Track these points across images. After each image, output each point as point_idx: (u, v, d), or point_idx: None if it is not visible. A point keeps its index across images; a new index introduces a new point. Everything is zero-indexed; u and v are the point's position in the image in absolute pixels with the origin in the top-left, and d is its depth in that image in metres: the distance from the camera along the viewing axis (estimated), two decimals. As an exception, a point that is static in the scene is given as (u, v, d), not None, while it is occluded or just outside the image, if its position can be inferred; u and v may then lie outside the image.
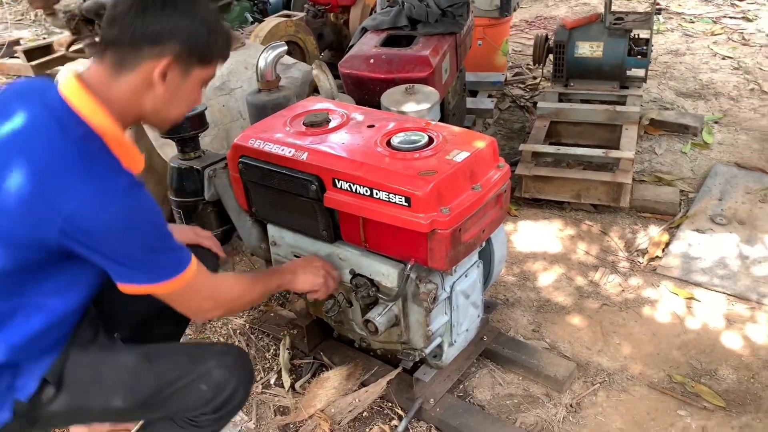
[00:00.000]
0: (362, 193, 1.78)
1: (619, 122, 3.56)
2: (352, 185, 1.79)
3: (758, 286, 2.69)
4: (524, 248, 3.04)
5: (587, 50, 3.77)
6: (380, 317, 1.89)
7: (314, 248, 2.03)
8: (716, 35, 5.47)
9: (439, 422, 2.11)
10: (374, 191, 1.76)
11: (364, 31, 3.29)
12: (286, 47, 2.44)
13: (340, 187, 1.82)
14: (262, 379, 2.36)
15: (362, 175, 1.78)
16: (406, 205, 1.71)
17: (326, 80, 2.65)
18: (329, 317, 2.07)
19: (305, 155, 1.88)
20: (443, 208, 1.71)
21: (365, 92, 2.93)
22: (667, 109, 4.23)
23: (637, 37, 3.84)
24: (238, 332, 2.57)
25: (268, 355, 2.46)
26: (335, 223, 1.93)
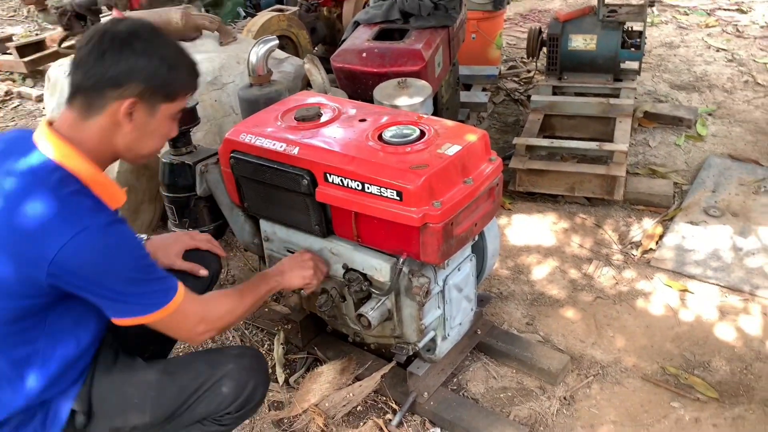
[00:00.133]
0: (354, 187, 1.78)
1: (612, 115, 3.56)
2: (343, 180, 1.79)
3: (751, 277, 2.70)
4: (518, 241, 3.04)
5: (581, 43, 3.76)
6: (373, 311, 1.89)
7: (307, 243, 2.03)
8: (710, 27, 5.47)
9: (433, 416, 2.11)
10: (366, 185, 1.75)
11: (356, 24, 3.28)
12: (277, 41, 2.44)
13: (331, 181, 1.82)
14: (256, 374, 2.36)
15: (354, 169, 1.77)
16: (397, 199, 1.71)
17: (318, 74, 2.65)
18: (323, 312, 2.07)
19: (297, 150, 1.88)
20: (435, 201, 1.71)
21: (358, 86, 2.92)
22: (661, 101, 4.24)
23: (630, 29, 3.83)
24: (232, 328, 2.57)
25: (262, 350, 2.46)
26: (327, 217, 1.93)
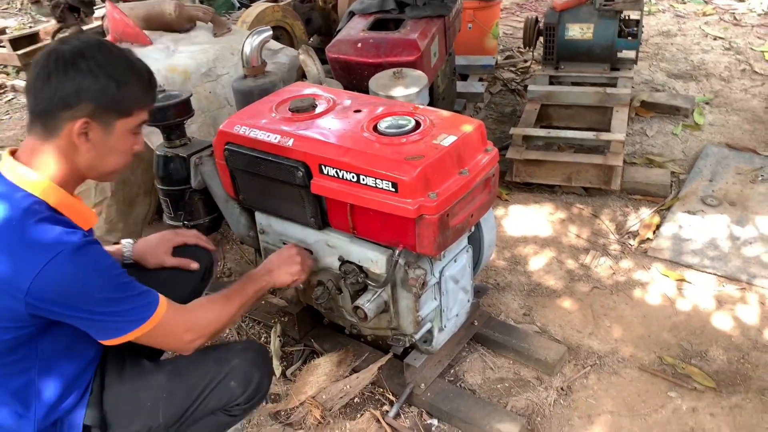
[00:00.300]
0: (349, 179, 1.76)
1: (609, 104, 3.54)
2: (338, 171, 1.78)
3: (748, 266, 2.70)
4: (515, 232, 3.03)
5: (577, 32, 3.74)
6: (369, 304, 1.89)
7: (302, 235, 2.02)
8: (708, 15, 5.45)
9: (430, 407, 2.11)
10: (361, 177, 1.74)
11: (351, 15, 3.26)
12: (271, 32, 2.42)
13: (326, 173, 1.80)
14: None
15: (349, 160, 1.76)
16: (393, 190, 1.70)
17: (313, 65, 2.63)
18: (319, 304, 2.07)
19: (291, 141, 1.86)
20: (431, 193, 1.70)
21: (353, 77, 2.90)
22: (658, 90, 4.22)
23: (627, 18, 3.81)
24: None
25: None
26: (323, 209, 1.92)
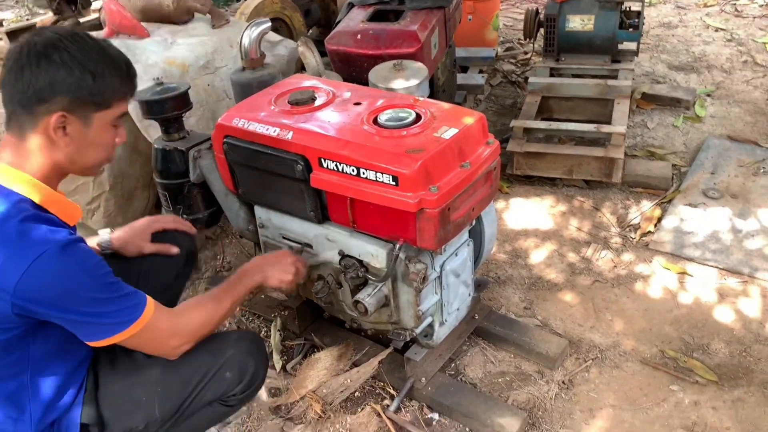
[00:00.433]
0: (349, 172, 1.75)
1: (610, 96, 3.52)
2: (338, 165, 1.76)
3: (750, 259, 2.68)
4: (516, 225, 3.02)
5: (578, 24, 3.71)
6: (370, 298, 1.87)
7: (302, 229, 2.01)
8: (709, 7, 5.42)
9: (430, 401, 2.10)
10: (361, 170, 1.72)
11: (350, 6, 3.23)
12: (270, 24, 2.40)
13: (326, 166, 1.79)
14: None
15: (349, 154, 1.74)
16: (393, 184, 1.68)
17: (312, 57, 2.61)
18: (319, 299, 2.05)
19: (290, 134, 1.84)
20: (431, 186, 1.68)
21: (353, 69, 2.88)
22: (659, 82, 4.20)
23: (628, 9, 3.78)
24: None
25: (258, 337, 2.45)
26: (323, 203, 1.90)
